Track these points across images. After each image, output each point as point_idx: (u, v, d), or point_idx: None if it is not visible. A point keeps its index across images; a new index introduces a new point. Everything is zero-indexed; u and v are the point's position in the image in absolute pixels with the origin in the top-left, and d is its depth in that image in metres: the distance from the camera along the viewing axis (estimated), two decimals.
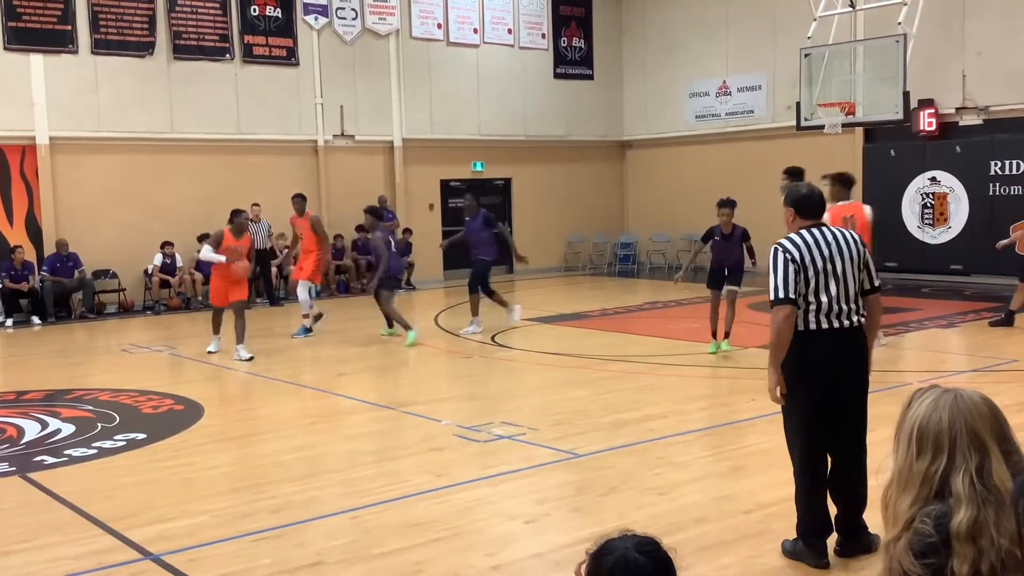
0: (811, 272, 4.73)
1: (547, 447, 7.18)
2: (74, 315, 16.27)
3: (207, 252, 11.60)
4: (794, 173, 9.74)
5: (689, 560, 4.63)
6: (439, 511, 5.80)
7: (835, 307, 4.75)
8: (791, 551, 4.91)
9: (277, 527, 5.59)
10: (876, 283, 4.94)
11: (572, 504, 6.00)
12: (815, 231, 4.83)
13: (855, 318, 4.82)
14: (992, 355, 10.39)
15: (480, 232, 13.21)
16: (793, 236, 4.84)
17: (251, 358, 11.29)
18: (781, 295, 4.72)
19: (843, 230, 4.95)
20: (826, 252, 4.76)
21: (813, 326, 4.76)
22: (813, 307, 4.75)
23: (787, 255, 4.75)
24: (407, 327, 12.31)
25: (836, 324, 4.76)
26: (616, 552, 2.02)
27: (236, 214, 11.83)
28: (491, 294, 13.24)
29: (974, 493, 2.16)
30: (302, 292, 13.48)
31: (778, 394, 4.81)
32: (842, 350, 4.79)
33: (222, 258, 11.38)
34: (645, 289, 18.61)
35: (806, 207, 4.93)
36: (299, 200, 13.98)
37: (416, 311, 15.14)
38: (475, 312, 13.14)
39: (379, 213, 12.97)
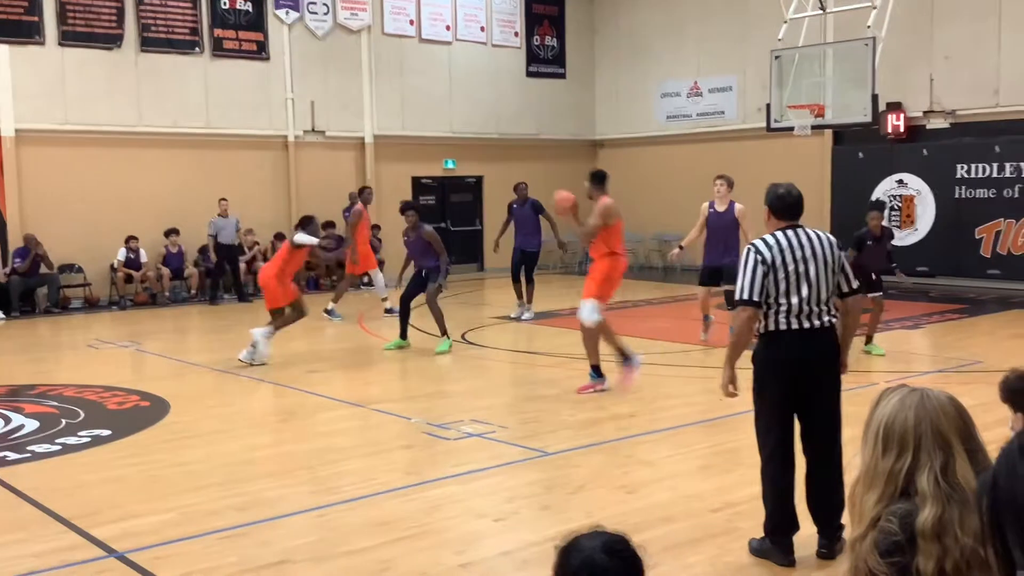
0: (781, 274, 4.72)
1: (516, 445, 7.17)
2: (39, 310, 16.05)
3: (305, 237, 11.08)
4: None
5: (656, 559, 4.63)
6: (407, 509, 5.77)
7: (805, 308, 4.75)
8: (758, 549, 4.92)
9: (243, 525, 5.54)
10: (854, 285, 4.94)
11: (541, 502, 6.00)
12: (790, 232, 4.82)
13: (825, 318, 4.82)
14: (958, 356, 10.51)
15: (529, 218, 14.08)
16: (767, 237, 4.84)
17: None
18: (745, 297, 4.74)
19: (820, 232, 4.93)
20: (799, 255, 4.75)
21: (783, 326, 4.77)
22: (784, 308, 4.75)
23: (758, 256, 4.75)
24: (445, 333, 11.37)
25: (806, 324, 4.77)
26: (584, 552, 2.01)
27: (308, 220, 11.35)
28: (516, 281, 14.04)
29: (939, 491, 2.18)
30: (381, 278, 14.84)
31: (730, 390, 4.95)
32: (812, 349, 4.80)
33: (314, 240, 11.19)
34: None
35: (781, 207, 4.92)
36: (369, 192, 15.11)
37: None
38: (528, 299, 14.11)
39: (420, 208, 12.07)
